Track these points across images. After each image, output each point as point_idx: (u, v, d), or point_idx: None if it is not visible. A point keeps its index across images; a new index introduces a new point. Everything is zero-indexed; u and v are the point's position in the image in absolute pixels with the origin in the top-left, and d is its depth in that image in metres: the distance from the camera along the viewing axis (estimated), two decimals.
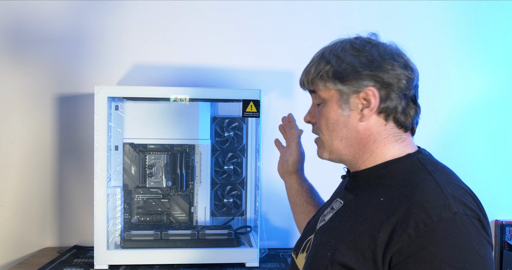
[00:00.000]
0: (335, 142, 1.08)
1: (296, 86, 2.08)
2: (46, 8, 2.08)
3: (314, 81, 1.08)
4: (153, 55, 2.11)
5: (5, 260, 2.10)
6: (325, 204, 1.26)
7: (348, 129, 1.07)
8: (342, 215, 1.08)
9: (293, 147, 1.45)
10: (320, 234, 1.10)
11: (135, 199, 1.97)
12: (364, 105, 1.04)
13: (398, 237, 0.91)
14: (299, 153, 1.44)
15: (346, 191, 1.14)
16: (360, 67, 1.03)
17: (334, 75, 1.05)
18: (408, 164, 1.05)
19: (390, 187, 1.01)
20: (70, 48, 2.09)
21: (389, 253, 0.92)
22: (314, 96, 1.12)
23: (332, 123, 1.07)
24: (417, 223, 0.90)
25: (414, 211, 0.92)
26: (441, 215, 0.90)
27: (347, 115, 1.06)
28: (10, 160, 2.10)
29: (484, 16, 2.14)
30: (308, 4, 2.11)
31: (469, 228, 0.91)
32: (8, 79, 2.09)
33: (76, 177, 2.12)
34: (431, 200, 0.93)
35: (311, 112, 1.14)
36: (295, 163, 1.44)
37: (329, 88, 1.06)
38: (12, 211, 2.10)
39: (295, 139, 1.45)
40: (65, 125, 2.11)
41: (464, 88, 2.15)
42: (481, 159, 2.16)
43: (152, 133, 1.93)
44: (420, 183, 0.98)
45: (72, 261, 1.87)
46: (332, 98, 1.07)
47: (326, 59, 1.07)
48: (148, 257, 1.79)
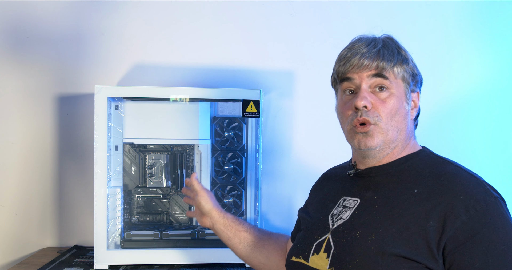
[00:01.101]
0: (394, 132, 1.13)
1: (296, 86, 2.15)
2: (46, 8, 2.08)
3: (392, 69, 1.12)
4: (153, 55, 2.12)
5: (5, 260, 2.09)
6: (319, 205, 1.29)
7: (406, 123, 1.15)
8: (369, 210, 1.11)
9: (197, 188, 1.48)
10: (346, 231, 1.12)
11: (135, 199, 1.97)
12: (414, 104, 1.19)
13: (452, 224, 0.99)
14: (205, 191, 1.49)
15: (358, 188, 1.18)
16: (419, 71, 1.18)
17: (412, 71, 1.15)
18: (426, 158, 1.16)
19: (420, 179, 1.09)
20: (70, 48, 2.10)
21: (444, 240, 0.99)
22: (375, 81, 1.12)
23: (396, 113, 1.12)
24: (467, 209, 0.99)
25: (460, 198, 1.01)
26: (486, 200, 1.01)
27: (408, 109, 1.16)
28: (10, 160, 2.10)
29: (487, 11, 2.14)
30: (308, 4, 2.11)
31: (506, 210, 1.04)
32: (8, 79, 2.09)
33: (76, 177, 2.12)
34: (473, 187, 1.04)
35: (367, 96, 1.11)
36: (207, 200, 1.48)
37: (403, 80, 1.14)
38: (12, 211, 2.10)
39: (194, 181, 1.50)
40: (65, 125, 2.11)
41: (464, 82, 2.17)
42: (480, 153, 2.16)
43: (152, 133, 1.92)
44: (453, 173, 1.08)
45: (72, 261, 1.86)
46: (400, 89, 1.13)
47: (404, 54, 1.15)
48: (148, 257, 1.79)
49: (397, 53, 1.13)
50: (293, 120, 2.15)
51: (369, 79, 1.12)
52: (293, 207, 2.10)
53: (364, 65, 1.11)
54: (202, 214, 1.49)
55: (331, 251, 1.11)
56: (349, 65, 1.13)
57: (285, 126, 2.15)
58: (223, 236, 1.48)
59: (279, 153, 2.14)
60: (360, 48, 1.12)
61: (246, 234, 1.47)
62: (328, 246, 1.12)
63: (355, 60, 1.11)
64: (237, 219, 1.49)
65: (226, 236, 1.47)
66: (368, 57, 1.11)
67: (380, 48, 1.12)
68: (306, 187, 1.76)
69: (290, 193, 2.09)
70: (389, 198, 1.10)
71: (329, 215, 1.19)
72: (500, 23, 2.15)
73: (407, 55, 1.15)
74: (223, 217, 1.47)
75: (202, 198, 1.47)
